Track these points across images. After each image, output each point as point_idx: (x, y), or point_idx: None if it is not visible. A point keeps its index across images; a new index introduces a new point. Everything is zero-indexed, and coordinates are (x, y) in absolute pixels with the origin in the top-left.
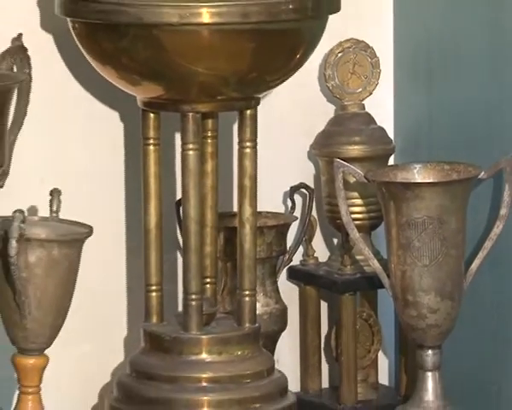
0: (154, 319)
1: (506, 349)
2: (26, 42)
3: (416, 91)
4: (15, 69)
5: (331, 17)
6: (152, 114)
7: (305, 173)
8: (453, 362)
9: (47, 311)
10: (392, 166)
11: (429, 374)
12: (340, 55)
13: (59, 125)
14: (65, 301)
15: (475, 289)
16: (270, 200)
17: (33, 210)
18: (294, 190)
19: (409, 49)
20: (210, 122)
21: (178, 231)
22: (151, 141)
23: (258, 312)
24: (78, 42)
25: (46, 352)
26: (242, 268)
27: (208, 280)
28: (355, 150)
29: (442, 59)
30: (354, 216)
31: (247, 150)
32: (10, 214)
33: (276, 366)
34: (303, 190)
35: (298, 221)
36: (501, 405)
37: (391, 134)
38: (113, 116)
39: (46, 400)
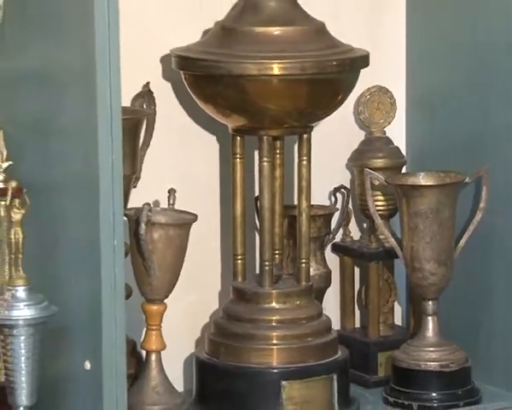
0: (240, 279)
1: (484, 299)
2: (152, 87)
3: (422, 122)
4: (145, 106)
5: (362, 70)
6: (238, 137)
7: (344, 178)
8: (447, 309)
9: (165, 272)
10: (404, 173)
11: (430, 318)
12: (368, 96)
13: (175, 145)
14: (178, 266)
15: (462, 259)
16: (320, 197)
17: (156, 203)
18: (336, 190)
19: (417, 93)
20: (278, 143)
21: (256, 218)
22: (238, 156)
23: (311, 274)
24: (188, 87)
25: (165, 301)
26: (300, 243)
27: (277, 252)
28: (379, 162)
29: (441, 99)
30: (378, 208)
31: (304, 162)
32: (141, 206)
33: (324, 312)
34: (342, 190)
35: (339, 211)
36: (483, 339)
37: (403, 151)
38: (212, 139)
39: (165, 334)
